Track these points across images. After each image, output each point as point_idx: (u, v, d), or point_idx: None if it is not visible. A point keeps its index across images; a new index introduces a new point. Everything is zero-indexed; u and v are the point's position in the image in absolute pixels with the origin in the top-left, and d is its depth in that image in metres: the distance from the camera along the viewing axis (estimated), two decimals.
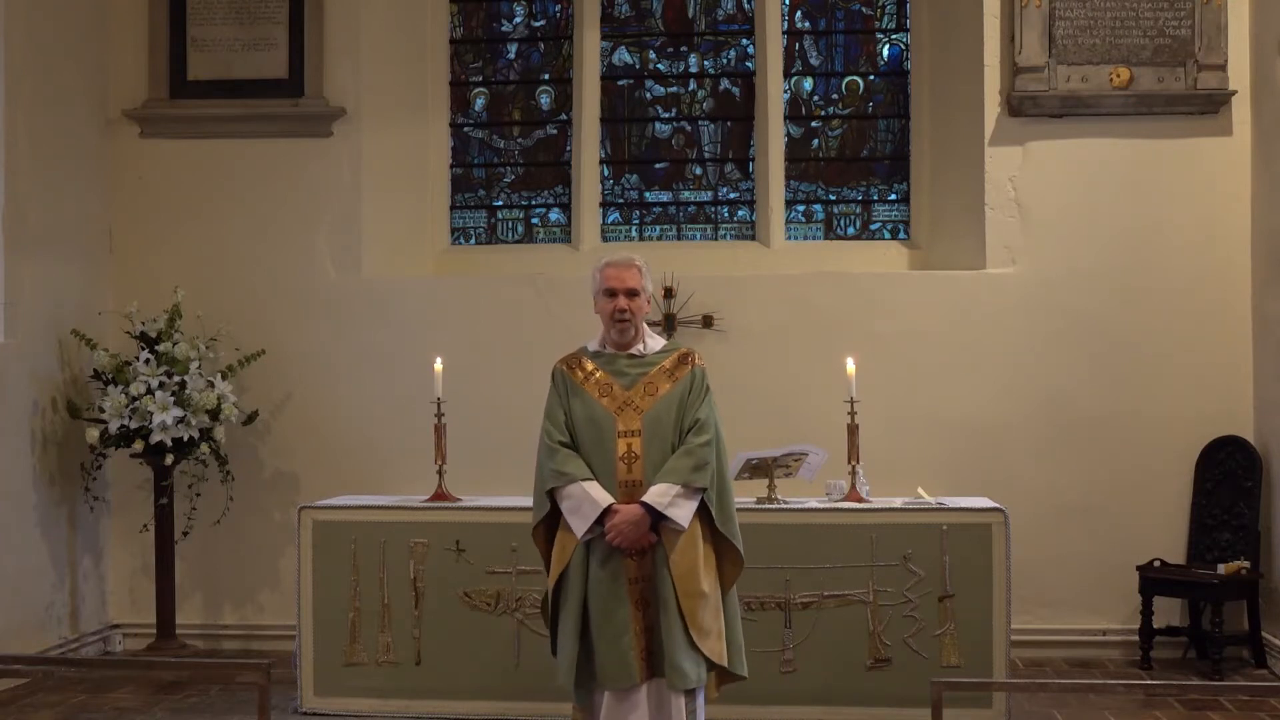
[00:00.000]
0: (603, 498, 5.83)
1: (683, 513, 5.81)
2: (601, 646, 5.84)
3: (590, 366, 6.03)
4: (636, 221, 9.80)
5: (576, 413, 5.97)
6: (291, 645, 7.87)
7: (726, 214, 9.76)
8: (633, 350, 6.04)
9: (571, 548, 5.90)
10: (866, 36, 9.74)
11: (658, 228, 9.79)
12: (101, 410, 8.67)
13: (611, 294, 5.99)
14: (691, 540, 5.85)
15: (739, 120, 9.76)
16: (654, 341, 6.11)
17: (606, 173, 9.80)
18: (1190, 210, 9.01)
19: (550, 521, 5.98)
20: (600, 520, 5.82)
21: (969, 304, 9.10)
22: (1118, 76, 8.95)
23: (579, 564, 5.88)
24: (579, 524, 5.85)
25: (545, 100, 9.88)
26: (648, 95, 9.82)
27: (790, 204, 9.68)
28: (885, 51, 9.73)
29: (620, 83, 9.81)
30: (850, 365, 7.79)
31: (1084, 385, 9.00)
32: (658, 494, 5.80)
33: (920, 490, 7.94)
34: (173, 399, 8.65)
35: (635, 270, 6.00)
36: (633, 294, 5.98)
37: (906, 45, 9.66)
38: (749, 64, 9.74)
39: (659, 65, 9.82)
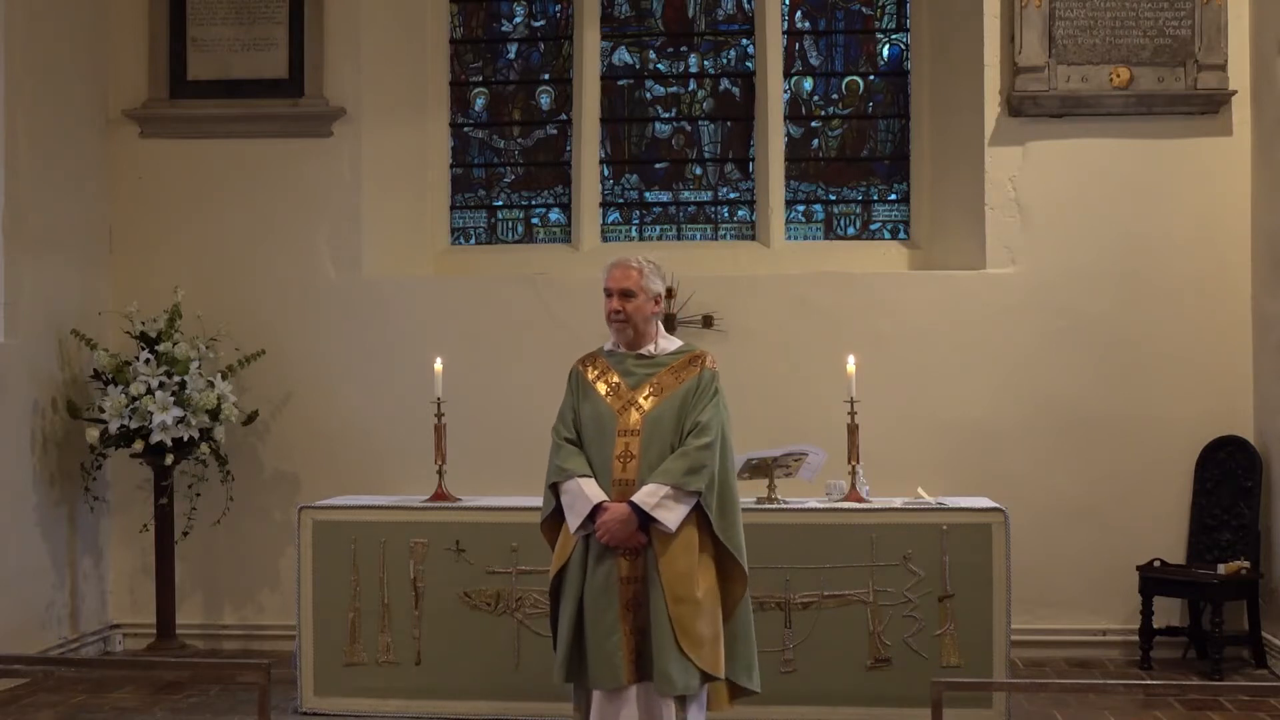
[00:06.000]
0: (595, 494, 5.85)
1: (671, 515, 5.78)
2: (591, 645, 5.85)
3: (602, 365, 6.09)
4: (636, 221, 9.80)
5: (584, 410, 6.02)
6: (291, 645, 7.87)
7: (726, 214, 9.76)
8: (642, 350, 6.06)
9: (571, 544, 5.94)
10: (866, 36, 9.73)
11: (658, 228, 9.79)
12: (101, 410, 8.67)
13: (608, 294, 6.05)
14: (685, 546, 5.82)
15: (739, 120, 9.76)
16: (667, 343, 6.13)
17: (606, 173, 9.80)
18: (1190, 210, 9.01)
19: (558, 517, 6.01)
20: (593, 516, 5.83)
21: (969, 304, 9.10)
22: (1118, 76, 8.95)
23: (578, 561, 5.91)
24: (572, 519, 5.90)
25: (545, 100, 9.87)
26: (648, 95, 9.82)
27: (790, 204, 9.68)
28: (885, 51, 9.73)
29: (620, 83, 9.80)
30: (850, 365, 7.78)
31: (1084, 385, 9.00)
32: (646, 494, 5.80)
33: (920, 490, 7.93)
34: (173, 399, 8.65)
35: (632, 271, 6.02)
36: (627, 295, 6.00)
37: (906, 45, 9.66)
38: (749, 64, 9.73)
39: (659, 65, 9.82)
